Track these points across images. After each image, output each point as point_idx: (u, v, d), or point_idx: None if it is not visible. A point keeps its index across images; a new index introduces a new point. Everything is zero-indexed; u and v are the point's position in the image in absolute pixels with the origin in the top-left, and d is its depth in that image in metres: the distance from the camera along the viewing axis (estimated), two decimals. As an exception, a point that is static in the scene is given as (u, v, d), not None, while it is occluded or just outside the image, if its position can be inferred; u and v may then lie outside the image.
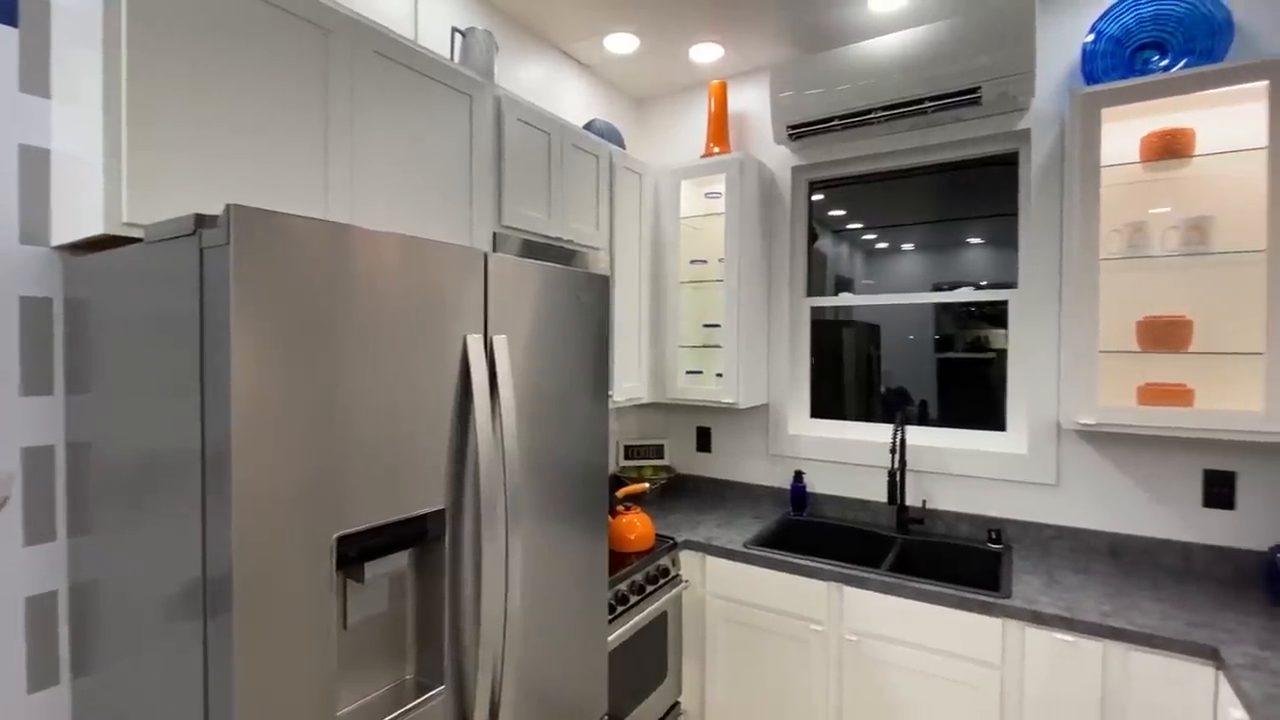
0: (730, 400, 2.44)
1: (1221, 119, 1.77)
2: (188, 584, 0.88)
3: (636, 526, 2.08)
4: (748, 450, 2.77)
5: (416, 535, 1.06)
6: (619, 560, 1.97)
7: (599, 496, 1.54)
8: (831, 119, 2.32)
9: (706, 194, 2.63)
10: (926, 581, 1.83)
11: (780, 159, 2.67)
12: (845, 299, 2.68)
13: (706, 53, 2.56)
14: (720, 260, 2.55)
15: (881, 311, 2.66)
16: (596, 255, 2.22)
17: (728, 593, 2.14)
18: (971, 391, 2.42)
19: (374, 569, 0.99)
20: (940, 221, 2.57)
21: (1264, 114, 1.63)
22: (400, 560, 1.05)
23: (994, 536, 2.19)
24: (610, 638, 1.79)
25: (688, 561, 2.22)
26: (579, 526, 1.47)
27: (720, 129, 2.61)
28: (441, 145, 1.61)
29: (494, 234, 1.79)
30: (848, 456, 2.52)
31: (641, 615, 1.89)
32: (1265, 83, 1.61)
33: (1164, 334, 1.84)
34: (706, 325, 2.64)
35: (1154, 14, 1.93)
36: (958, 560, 2.19)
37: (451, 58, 1.90)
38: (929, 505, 2.37)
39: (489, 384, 1.17)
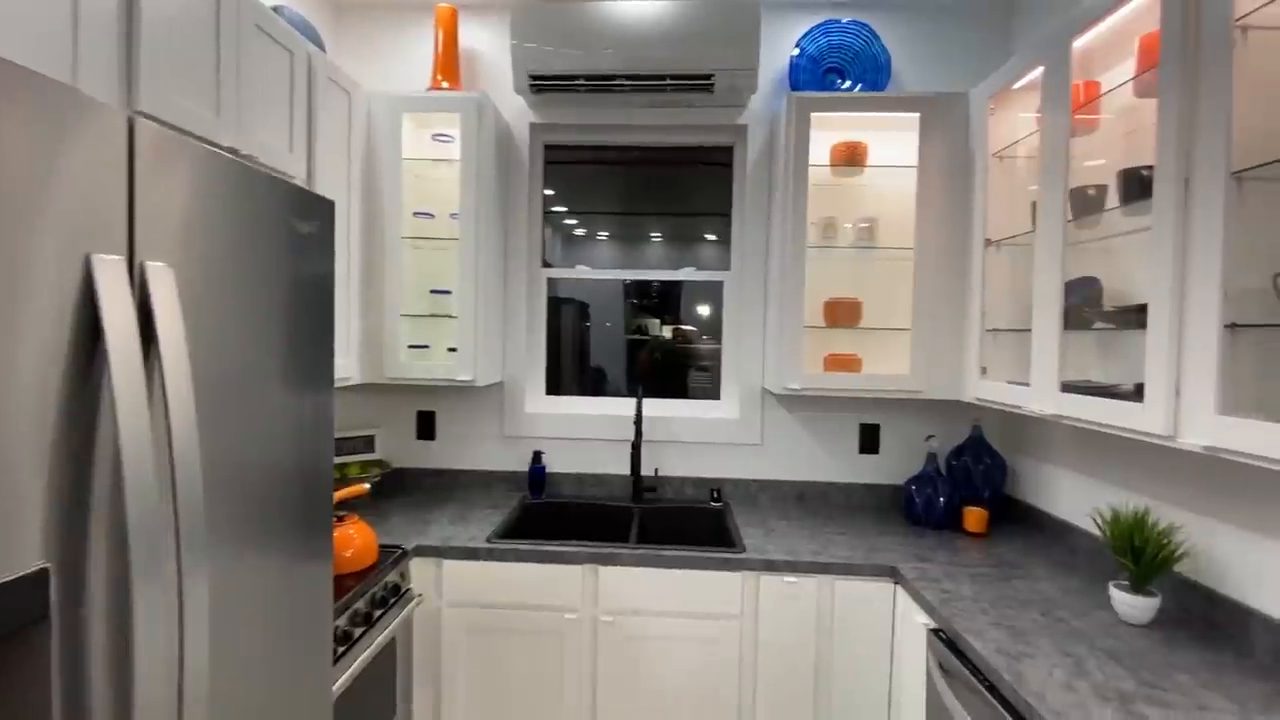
0: (467, 378, 2.13)
1: (885, 140, 2.19)
2: None
3: (355, 540, 1.64)
4: (479, 434, 2.49)
5: (-21, 626, 0.56)
6: (337, 586, 1.51)
7: (322, 512, 1.12)
8: (577, 77, 2.18)
9: (434, 135, 2.24)
10: (676, 548, 1.86)
11: (517, 112, 2.43)
12: (582, 271, 2.60)
13: (434, -33, 2.16)
14: (452, 216, 2.20)
15: (585, 294, 2.68)
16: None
17: (470, 598, 1.86)
18: (651, 368, 2.67)
19: None
20: (636, 214, 2.71)
21: (915, 139, 2.06)
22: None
23: (715, 495, 2.38)
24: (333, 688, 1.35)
25: (420, 571, 1.86)
26: (295, 555, 1.04)
27: (450, 62, 2.24)
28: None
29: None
30: (584, 432, 2.46)
31: (368, 651, 1.49)
32: (918, 114, 2.04)
33: (842, 313, 2.22)
34: (434, 291, 2.26)
35: (839, 43, 2.28)
36: (690, 521, 2.31)
37: None
38: (660, 473, 2.46)
39: (140, 339, 0.69)
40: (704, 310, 2.74)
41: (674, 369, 2.64)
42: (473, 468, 2.48)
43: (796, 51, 2.29)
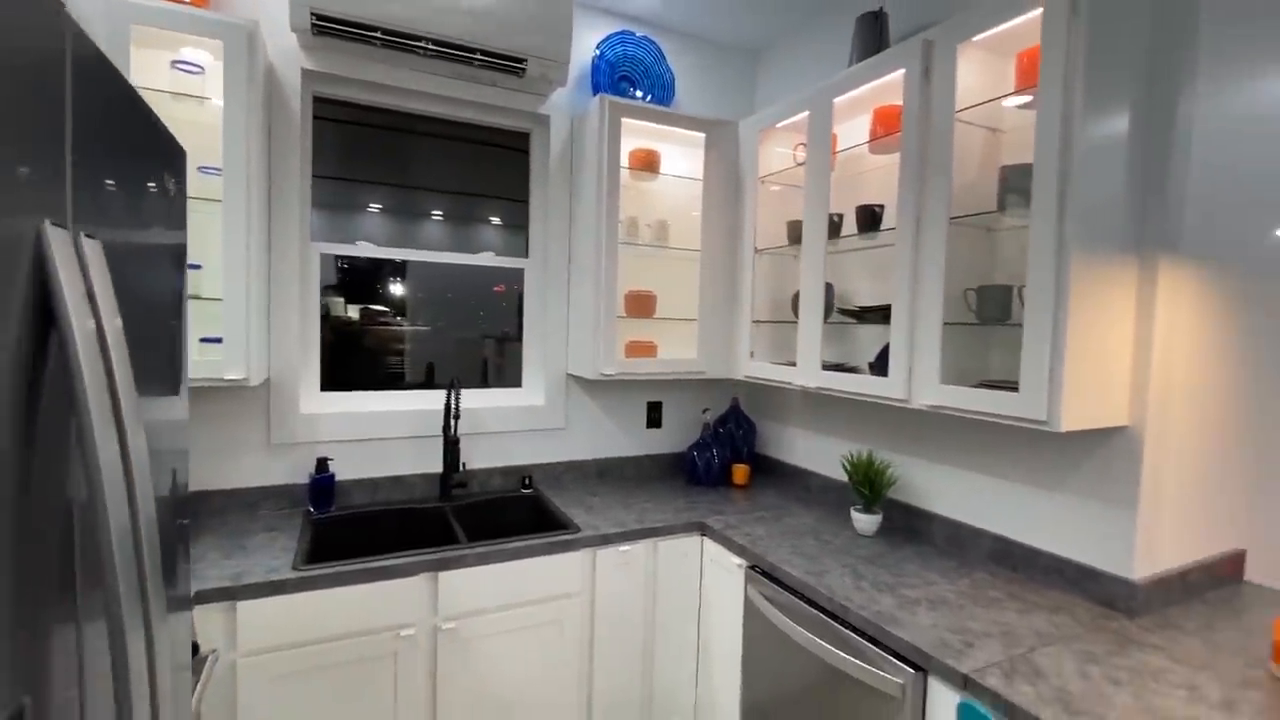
0: (238, 376, 1.72)
1: (672, 152, 2.46)
2: None
3: (124, 595, 1.23)
4: (235, 444, 2.02)
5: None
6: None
7: (182, 547, 0.86)
8: (375, 29, 1.92)
9: (175, 62, 1.71)
10: (518, 539, 1.86)
11: (285, 54, 2.01)
12: (365, 248, 2.30)
13: None
14: (203, 170, 1.73)
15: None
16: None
17: (274, 641, 1.55)
18: (353, 357, 2.40)
19: None
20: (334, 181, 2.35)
21: (698, 155, 2.38)
22: None
23: (526, 482, 2.41)
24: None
25: (206, 621, 1.47)
26: (164, 605, 0.79)
27: (196, -30, 1.74)
28: None
29: None
30: (374, 432, 2.21)
31: (177, 731, 1.15)
32: (704, 134, 2.36)
33: (640, 304, 2.45)
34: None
35: (633, 54, 2.48)
36: (508, 511, 2.29)
37: None
38: (469, 466, 2.36)
39: (100, 350, 0.48)
40: (397, 290, 2.45)
41: (356, 352, 2.34)
42: (228, 486, 2.01)
43: (597, 54, 2.41)
